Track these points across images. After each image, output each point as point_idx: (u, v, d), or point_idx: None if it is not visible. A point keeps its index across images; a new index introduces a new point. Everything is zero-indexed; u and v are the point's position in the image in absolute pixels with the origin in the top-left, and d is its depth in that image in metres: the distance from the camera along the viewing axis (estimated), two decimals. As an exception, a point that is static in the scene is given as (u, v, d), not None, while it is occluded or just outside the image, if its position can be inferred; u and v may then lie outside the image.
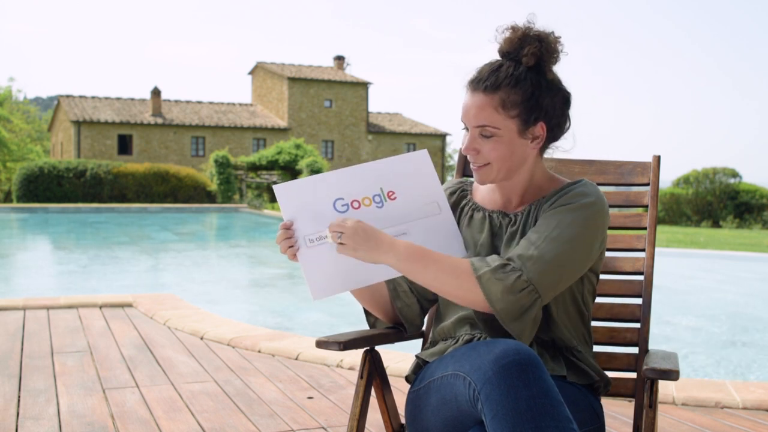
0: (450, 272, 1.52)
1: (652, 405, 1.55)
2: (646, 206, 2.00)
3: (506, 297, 1.49)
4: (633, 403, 1.87)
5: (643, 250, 1.97)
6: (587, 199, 1.61)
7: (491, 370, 1.38)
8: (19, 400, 3.21)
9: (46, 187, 25.60)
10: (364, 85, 41.27)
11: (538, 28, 1.62)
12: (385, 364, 3.64)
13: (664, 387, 3.37)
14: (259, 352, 4.18)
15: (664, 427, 2.94)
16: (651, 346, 5.54)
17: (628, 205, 2.05)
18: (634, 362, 1.91)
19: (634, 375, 1.90)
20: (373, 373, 1.75)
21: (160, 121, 37.36)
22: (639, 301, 1.94)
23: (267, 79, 42.15)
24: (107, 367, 3.77)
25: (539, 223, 1.60)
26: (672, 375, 1.47)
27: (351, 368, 3.82)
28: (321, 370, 3.81)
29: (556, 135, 1.67)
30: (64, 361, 3.90)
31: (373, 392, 1.79)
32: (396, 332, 1.82)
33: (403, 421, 1.81)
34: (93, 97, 39.12)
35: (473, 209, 1.77)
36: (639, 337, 1.89)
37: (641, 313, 1.92)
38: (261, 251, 13.68)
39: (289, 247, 1.57)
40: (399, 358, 3.83)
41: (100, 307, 5.46)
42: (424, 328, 1.94)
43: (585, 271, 1.62)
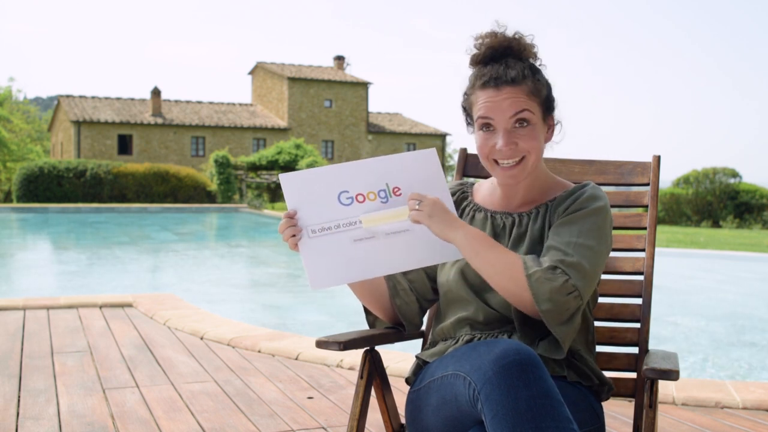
0: (506, 263, 1.53)
1: (652, 405, 1.55)
2: (646, 206, 2.00)
3: (554, 298, 1.50)
4: (633, 403, 1.87)
5: (643, 250, 1.97)
6: (600, 203, 1.64)
7: (491, 370, 1.38)
8: (19, 400, 3.21)
9: (46, 187, 25.60)
10: (364, 85, 41.27)
11: (507, 31, 1.66)
12: (385, 364, 3.64)
13: (664, 387, 3.37)
14: (259, 352, 4.18)
15: (664, 427, 2.94)
16: (651, 346, 5.54)
17: (628, 205, 2.05)
18: (634, 362, 1.91)
19: (634, 375, 1.90)
20: (373, 373, 1.75)
21: (160, 121, 37.36)
22: (639, 301, 1.94)
23: (267, 79, 42.15)
24: (107, 367, 3.77)
25: (560, 229, 1.60)
26: (672, 375, 1.47)
27: (351, 368, 3.82)
28: (321, 370, 3.81)
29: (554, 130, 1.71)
30: (64, 361, 3.90)
31: (373, 392, 1.79)
32: (396, 332, 1.82)
33: (403, 421, 1.81)
34: (93, 97, 39.12)
35: (474, 210, 1.77)
36: (639, 337, 1.89)
37: (641, 313, 1.92)
38: (261, 251, 13.68)
39: (293, 236, 1.57)
40: (399, 358, 3.83)
41: (100, 307, 5.46)
42: (424, 328, 1.94)
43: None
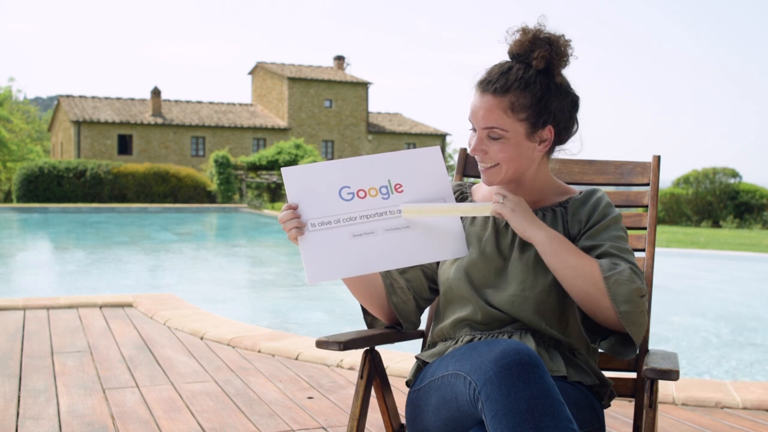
0: (585, 266, 1.55)
1: (652, 405, 1.55)
2: (646, 206, 2.00)
3: (632, 299, 1.53)
4: (633, 403, 1.87)
5: (643, 250, 1.97)
6: (616, 209, 1.70)
7: (492, 370, 1.38)
8: (19, 400, 3.21)
9: (46, 187, 25.60)
10: (364, 85, 41.26)
11: (548, 30, 1.62)
12: (385, 364, 3.64)
13: (664, 387, 3.37)
14: (259, 352, 4.18)
15: (664, 427, 2.94)
16: (651, 346, 5.54)
17: (628, 205, 2.05)
18: (634, 362, 1.91)
19: (634, 375, 1.90)
20: (373, 373, 1.75)
21: (160, 121, 37.35)
22: (639, 301, 1.94)
23: (267, 79, 42.14)
24: (107, 367, 3.77)
25: (602, 235, 1.63)
26: (672, 375, 1.47)
27: (351, 368, 3.82)
28: (321, 370, 3.81)
29: (564, 138, 1.69)
30: (64, 361, 3.90)
31: (373, 392, 1.79)
32: (396, 332, 1.82)
33: (403, 421, 1.81)
34: (93, 97, 39.10)
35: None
36: (639, 337, 1.89)
37: (641, 313, 1.92)
38: (261, 251, 13.68)
39: (295, 228, 1.57)
40: (399, 358, 3.83)
41: (100, 307, 5.46)
42: (423, 328, 1.94)
43: None
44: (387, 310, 1.79)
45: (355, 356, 3.89)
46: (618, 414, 3.08)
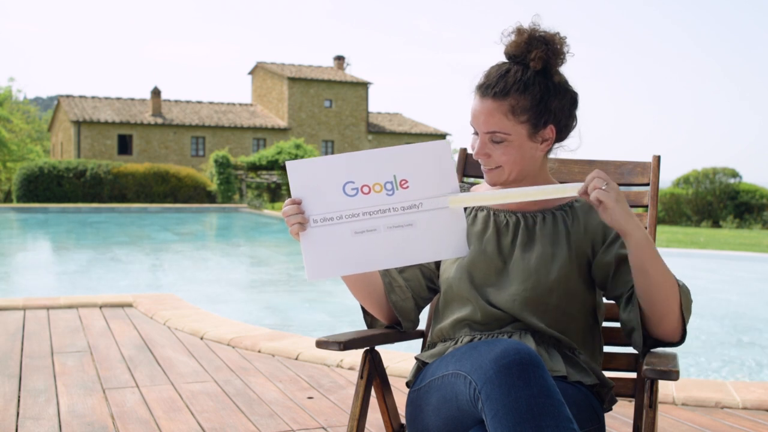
0: (668, 271, 1.55)
1: (652, 405, 1.55)
2: (646, 206, 2.00)
3: (689, 307, 1.59)
4: (633, 403, 1.86)
5: (643, 250, 1.97)
6: None
7: (492, 370, 1.38)
8: (19, 400, 3.21)
9: (46, 187, 25.60)
10: (364, 85, 41.26)
11: (543, 29, 1.62)
12: (385, 364, 3.64)
13: (664, 387, 3.37)
14: (259, 352, 4.18)
15: (664, 427, 2.93)
16: (651, 346, 5.53)
17: (628, 205, 2.04)
18: (634, 362, 1.91)
19: (634, 375, 1.90)
20: (373, 373, 1.75)
21: (160, 121, 37.35)
22: (639, 301, 1.94)
23: (267, 79, 42.14)
24: (107, 367, 3.77)
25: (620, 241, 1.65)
26: (672, 375, 1.47)
27: (351, 368, 3.82)
28: (321, 370, 3.81)
29: (564, 136, 1.69)
30: (64, 361, 3.90)
31: (373, 392, 1.79)
32: (396, 332, 1.82)
33: (403, 421, 1.81)
34: (93, 97, 39.10)
35: (476, 209, 1.78)
36: (639, 337, 1.89)
37: (641, 313, 1.92)
38: (261, 251, 13.68)
39: (298, 223, 1.56)
40: (399, 358, 3.83)
41: (100, 307, 5.46)
42: (423, 328, 1.94)
43: None
44: (386, 309, 1.79)
45: (355, 356, 3.89)
46: (618, 414, 3.08)
